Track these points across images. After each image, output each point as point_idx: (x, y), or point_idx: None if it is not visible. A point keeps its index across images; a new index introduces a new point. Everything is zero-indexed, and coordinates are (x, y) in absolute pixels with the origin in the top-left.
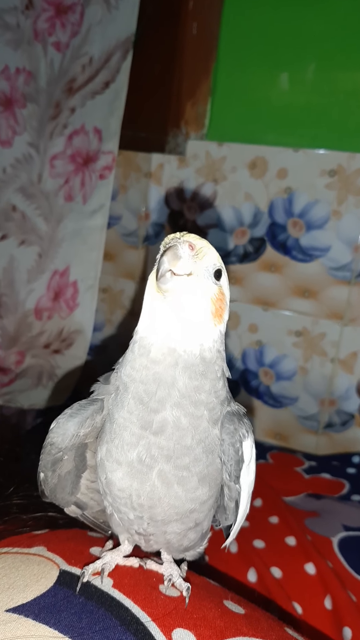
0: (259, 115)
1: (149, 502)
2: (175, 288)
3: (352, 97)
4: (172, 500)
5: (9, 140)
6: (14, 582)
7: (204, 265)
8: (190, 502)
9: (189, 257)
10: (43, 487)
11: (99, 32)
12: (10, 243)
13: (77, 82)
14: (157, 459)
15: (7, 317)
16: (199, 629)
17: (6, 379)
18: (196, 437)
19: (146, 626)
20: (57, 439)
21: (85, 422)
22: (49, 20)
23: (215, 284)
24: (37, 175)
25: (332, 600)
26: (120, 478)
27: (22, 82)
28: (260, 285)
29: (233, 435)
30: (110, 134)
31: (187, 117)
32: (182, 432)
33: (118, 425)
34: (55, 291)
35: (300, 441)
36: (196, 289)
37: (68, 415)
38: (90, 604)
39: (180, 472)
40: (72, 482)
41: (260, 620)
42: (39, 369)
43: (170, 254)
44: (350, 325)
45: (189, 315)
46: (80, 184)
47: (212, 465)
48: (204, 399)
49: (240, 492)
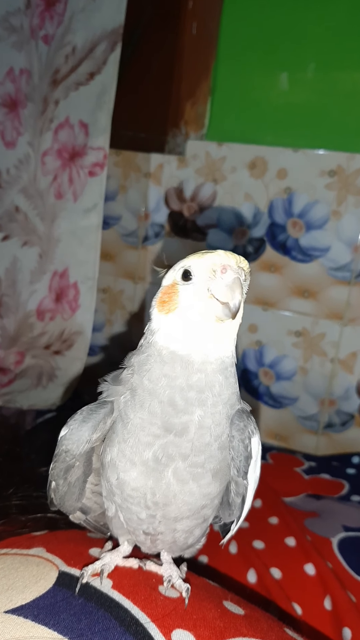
0: (259, 116)
1: (164, 499)
2: (229, 317)
3: (352, 98)
4: (187, 496)
5: (14, 141)
6: (13, 583)
7: (247, 288)
8: (203, 498)
9: (242, 286)
10: (53, 496)
11: (82, 20)
12: (14, 244)
13: (60, 74)
14: (174, 457)
15: (7, 317)
16: (198, 630)
17: (5, 379)
18: (214, 434)
19: (146, 627)
20: (72, 446)
21: (98, 427)
22: (40, 15)
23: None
24: (34, 174)
25: (332, 600)
26: (134, 478)
27: (24, 82)
28: (260, 286)
29: (243, 432)
30: (99, 129)
31: (187, 117)
32: (203, 430)
33: (134, 425)
34: (57, 292)
35: (300, 441)
36: (241, 311)
37: (80, 420)
38: (90, 605)
39: (196, 469)
40: (79, 488)
41: (259, 621)
42: (38, 369)
43: (226, 289)
44: (350, 325)
45: (229, 333)
46: (68, 181)
47: (224, 461)
48: (226, 398)
49: (248, 487)
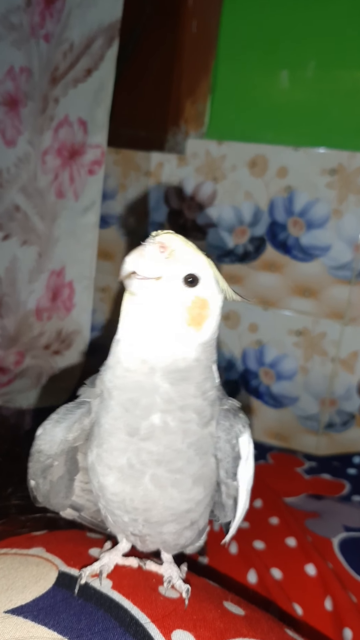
0: (259, 114)
1: (144, 505)
2: (139, 292)
3: (353, 96)
4: (168, 502)
5: (14, 140)
6: (12, 583)
7: (175, 269)
8: (185, 503)
9: (156, 259)
10: (35, 494)
11: (79, 15)
12: (13, 243)
13: (59, 71)
14: (148, 463)
15: (7, 316)
16: (198, 630)
17: (5, 379)
18: (187, 440)
19: (145, 627)
20: (45, 446)
21: (73, 427)
22: (40, 14)
23: (189, 291)
24: (34, 173)
25: (333, 601)
26: (112, 483)
27: (24, 81)
28: (260, 285)
29: (229, 432)
30: (97, 126)
31: (187, 116)
32: (171, 436)
33: (105, 430)
34: (53, 291)
35: (300, 441)
36: (164, 295)
37: (55, 420)
38: (90, 605)
39: (174, 475)
40: (65, 487)
41: (260, 622)
42: (38, 369)
43: (135, 253)
44: (350, 324)
45: (157, 323)
46: (69, 180)
47: (207, 465)
48: (191, 403)
49: (239, 488)
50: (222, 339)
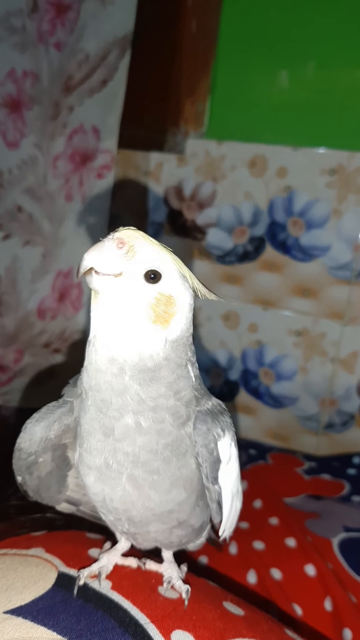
0: (259, 114)
1: (123, 505)
2: (101, 289)
3: (352, 96)
4: (146, 502)
5: (16, 142)
6: (12, 584)
7: (135, 265)
8: (166, 504)
9: (115, 255)
10: (24, 489)
11: (94, 27)
12: (14, 243)
13: (74, 80)
14: (124, 464)
15: (7, 315)
16: (198, 631)
17: (5, 377)
18: (162, 441)
19: (145, 628)
20: (25, 444)
21: (53, 425)
22: (51, 21)
23: (152, 287)
24: (43, 176)
25: (332, 601)
26: (92, 482)
27: (29, 84)
28: (260, 285)
29: (206, 436)
30: (108, 132)
31: (187, 116)
32: (145, 437)
33: (84, 430)
34: (61, 292)
35: (300, 442)
36: (125, 292)
37: (35, 419)
38: (89, 605)
39: (151, 476)
40: (57, 482)
41: (259, 622)
42: (37, 367)
43: (93, 250)
44: (350, 324)
45: (121, 321)
46: (78, 184)
47: (186, 467)
48: (163, 403)
49: (221, 492)
50: (221, 339)
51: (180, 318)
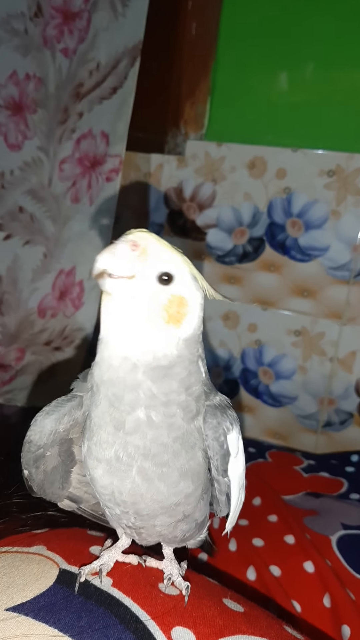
0: (258, 115)
1: (131, 498)
2: (114, 291)
3: (351, 97)
4: (155, 495)
5: (19, 144)
6: (13, 581)
7: (148, 268)
8: (173, 496)
9: (128, 257)
10: (30, 484)
11: (106, 38)
12: (15, 243)
13: (84, 88)
14: (135, 457)
15: (8, 314)
16: (198, 627)
17: (6, 376)
18: (172, 435)
19: (145, 624)
20: (35, 437)
21: (63, 419)
22: (57, 27)
23: (165, 289)
24: (48, 179)
25: (331, 598)
26: (101, 475)
27: (32, 88)
28: (259, 285)
29: (216, 430)
30: (118, 138)
31: (186, 117)
32: (156, 430)
33: (95, 424)
34: (61, 290)
35: (299, 440)
36: (138, 294)
37: (45, 412)
38: (90, 602)
39: (160, 469)
40: (61, 477)
41: (259, 619)
42: (39, 366)
43: (106, 252)
44: (349, 324)
45: (136, 322)
46: (87, 186)
47: (194, 459)
48: (174, 399)
49: (230, 484)
50: (221, 338)
51: (192, 317)
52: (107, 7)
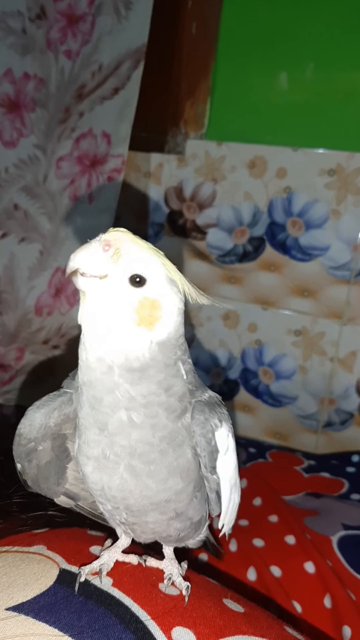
0: (258, 115)
1: (121, 494)
2: (85, 289)
3: (351, 97)
4: (144, 491)
5: (14, 141)
6: (14, 581)
7: (120, 269)
8: (163, 493)
9: (101, 257)
10: (24, 478)
11: (109, 41)
12: (11, 241)
13: (86, 89)
14: (121, 455)
15: (7, 313)
16: (198, 628)
17: (6, 376)
18: (157, 434)
19: (145, 624)
20: (25, 430)
21: (53, 413)
22: (61, 30)
23: (136, 291)
24: (43, 176)
25: (332, 598)
26: (90, 472)
27: (32, 87)
28: (259, 285)
29: (204, 426)
30: (120, 138)
31: (187, 117)
32: (140, 430)
33: (82, 424)
34: (57, 287)
35: (299, 440)
36: (110, 295)
37: (36, 406)
38: (90, 602)
39: (148, 466)
40: (56, 473)
41: (259, 619)
42: (38, 365)
43: (79, 250)
44: (349, 324)
45: (107, 323)
46: (86, 185)
47: (182, 457)
48: (154, 400)
49: (220, 482)
50: (221, 338)
51: (166, 322)
52: (111, 10)
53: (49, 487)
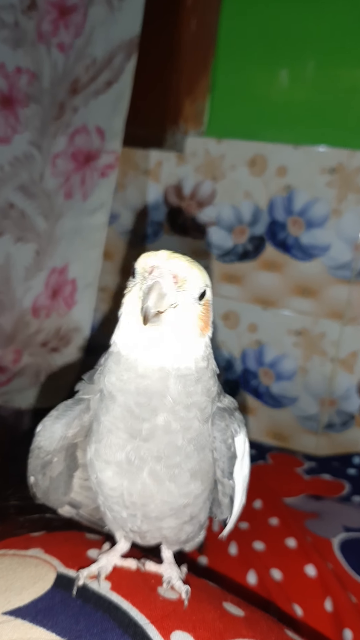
0: (259, 112)
1: (142, 499)
2: (159, 322)
3: (352, 94)
4: (165, 496)
5: (8, 138)
6: (10, 585)
7: (190, 292)
8: (183, 497)
9: (173, 291)
10: (34, 490)
11: (102, 33)
12: (7, 241)
13: (80, 83)
14: (147, 459)
15: (3, 315)
16: (198, 631)
17: (4, 377)
18: (187, 437)
19: (144, 628)
20: (45, 442)
21: (72, 423)
22: (53, 22)
23: (200, 303)
24: (39, 174)
25: (333, 602)
26: (110, 477)
27: (25, 82)
28: (259, 284)
29: (225, 432)
30: (113, 133)
31: (186, 114)
32: (172, 435)
33: (105, 427)
34: (54, 289)
35: (300, 442)
36: (182, 317)
37: (54, 417)
38: (88, 606)
39: (172, 470)
40: (64, 483)
41: (259, 622)
42: (36, 367)
43: (154, 295)
44: (350, 324)
45: (177, 340)
46: (80, 182)
47: (204, 460)
48: (196, 400)
49: (235, 487)
50: (221, 339)
51: (211, 318)
52: (103, 0)
53: (58, 497)
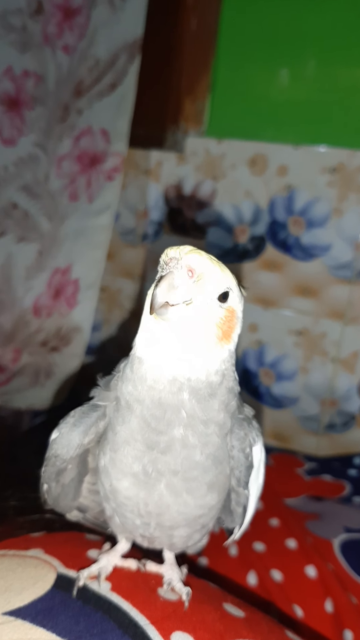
0: (259, 112)
1: (157, 509)
2: (173, 318)
3: (354, 94)
4: (182, 507)
5: (13, 139)
6: (10, 585)
7: (207, 290)
8: (199, 509)
9: (187, 284)
10: (46, 497)
11: (105, 33)
12: (9, 240)
13: (84, 85)
14: (164, 473)
15: (3, 314)
16: (198, 632)
17: (3, 377)
18: (205, 452)
19: (144, 629)
20: (62, 451)
21: (89, 430)
22: (58, 25)
23: (222, 307)
24: (44, 175)
25: (333, 603)
26: (126, 487)
27: (31, 85)
28: (260, 284)
29: (243, 441)
30: (118, 135)
31: (186, 114)
32: (190, 449)
33: (120, 437)
34: (56, 289)
35: (300, 442)
36: (197, 317)
37: (71, 424)
38: (88, 607)
39: (189, 483)
40: (74, 488)
41: (260, 624)
42: (35, 367)
43: (165, 284)
44: (351, 324)
45: (191, 344)
46: (86, 184)
47: (222, 473)
48: (213, 417)
49: (249, 497)
50: None
51: (237, 330)
52: (106, 1)
53: (67, 503)
